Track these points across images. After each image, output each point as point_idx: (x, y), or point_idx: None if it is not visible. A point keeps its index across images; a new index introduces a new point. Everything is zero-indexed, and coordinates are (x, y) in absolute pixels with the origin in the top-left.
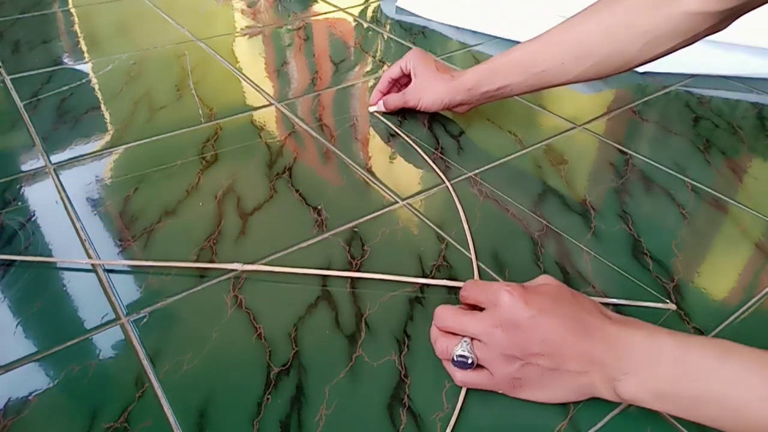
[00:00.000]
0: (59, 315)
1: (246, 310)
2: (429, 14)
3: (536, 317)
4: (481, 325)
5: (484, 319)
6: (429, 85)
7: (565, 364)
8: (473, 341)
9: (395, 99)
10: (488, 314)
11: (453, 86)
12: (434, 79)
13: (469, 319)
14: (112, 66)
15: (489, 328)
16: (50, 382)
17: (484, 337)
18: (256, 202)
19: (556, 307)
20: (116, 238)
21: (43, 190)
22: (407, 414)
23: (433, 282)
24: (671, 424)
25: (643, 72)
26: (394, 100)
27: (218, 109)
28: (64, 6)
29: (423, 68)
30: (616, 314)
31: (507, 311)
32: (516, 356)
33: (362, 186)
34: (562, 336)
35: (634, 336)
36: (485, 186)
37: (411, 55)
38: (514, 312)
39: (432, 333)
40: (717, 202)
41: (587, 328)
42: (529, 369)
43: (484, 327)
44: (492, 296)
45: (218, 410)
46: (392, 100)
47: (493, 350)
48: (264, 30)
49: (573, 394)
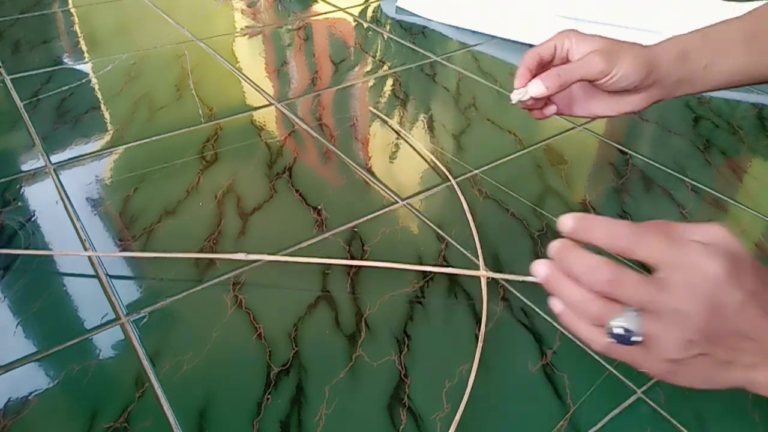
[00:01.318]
0: (59, 315)
1: (246, 310)
2: (429, 14)
3: (747, 304)
4: (673, 299)
5: (676, 291)
6: (619, 49)
7: (745, 358)
8: (642, 312)
9: (568, 72)
10: (681, 285)
11: (652, 52)
12: (618, 44)
13: (651, 289)
14: (112, 66)
15: (684, 305)
16: (50, 382)
17: (672, 315)
18: (256, 202)
19: (766, 291)
20: (116, 237)
21: (43, 190)
22: (407, 414)
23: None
24: (672, 424)
25: None
26: (565, 73)
27: (218, 109)
28: (64, 6)
29: (588, 41)
30: None
31: (714, 288)
32: (698, 343)
33: (362, 186)
34: (765, 329)
35: None
36: (485, 186)
37: (567, 34)
38: (723, 291)
39: (565, 289)
40: (717, 202)
41: None
42: (703, 359)
43: (675, 303)
44: (686, 259)
45: (218, 410)
46: (563, 73)
47: (673, 332)
48: (264, 30)
49: (727, 385)
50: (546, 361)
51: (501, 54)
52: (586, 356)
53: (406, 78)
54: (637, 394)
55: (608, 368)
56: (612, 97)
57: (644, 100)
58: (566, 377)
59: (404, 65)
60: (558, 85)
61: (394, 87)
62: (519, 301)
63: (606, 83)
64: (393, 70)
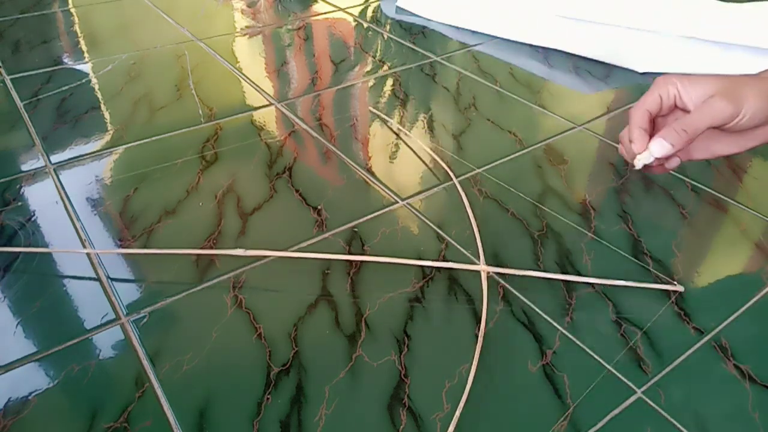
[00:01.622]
0: (59, 315)
1: (246, 310)
2: (429, 14)
3: None
4: None
5: None
6: (739, 87)
7: None
8: None
9: (692, 125)
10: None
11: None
12: (734, 81)
13: None
14: (112, 66)
15: None
16: (50, 382)
17: None
18: (256, 202)
19: None
20: (116, 237)
21: (42, 190)
22: (407, 414)
23: (438, 264)
24: (671, 424)
25: (643, 72)
26: (691, 127)
27: (218, 109)
28: (64, 6)
29: (698, 84)
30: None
31: None
32: None
33: (362, 186)
34: None
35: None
36: (485, 186)
37: (670, 80)
38: None
39: None
40: (717, 202)
41: None
42: None
43: None
44: None
45: (218, 410)
46: (689, 128)
47: None
48: (264, 30)
49: None
50: (546, 361)
51: (501, 54)
52: (586, 356)
53: (406, 78)
54: (637, 394)
55: (608, 368)
56: (734, 135)
57: (744, 143)
58: (566, 377)
59: (404, 65)
60: (685, 141)
61: (394, 87)
62: (519, 300)
63: (733, 126)
64: (393, 70)
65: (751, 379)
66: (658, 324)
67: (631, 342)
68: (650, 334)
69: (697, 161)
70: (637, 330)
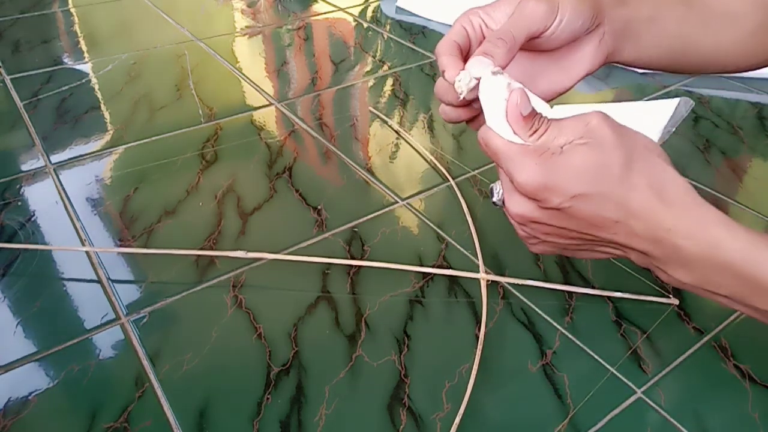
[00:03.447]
0: (59, 315)
1: (246, 310)
2: (429, 14)
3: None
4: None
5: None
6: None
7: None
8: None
9: (507, 32)
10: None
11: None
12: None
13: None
14: (112, 66)
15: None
16: (50, 382)
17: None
18: (256, 202)
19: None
20: (116, 237)
21: (42, 190)
22: (407, 414)
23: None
24: (671, 424)
25: (643, 72)
26: (506, 34)
27: (218, 109)
28: (64, 6)
29: (501, 4)
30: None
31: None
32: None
33: (362, 186)
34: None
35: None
36: (485, 186)
37: (472, 10)
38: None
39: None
40: (717, 202)
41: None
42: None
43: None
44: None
45: (218, 410)
46: (504, 35)
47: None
48: (264, 30)
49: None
50: (546, 361)
51: None
52: (586, 356)
53: (406, 78)
54: (637, 394)
55: (609, 368)
56: (558, 62)
57: (594, 56)
58: (566, 377)
59: (404, 65)
60: (505, 52)
61: (394, 87)
62: (519, 301)
63: (553, 34)
64: (393, 70)
65: (751, 379)
66: (658, 324)
67: (631, 342)
68: (650, 334)
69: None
70: (637, 330)
